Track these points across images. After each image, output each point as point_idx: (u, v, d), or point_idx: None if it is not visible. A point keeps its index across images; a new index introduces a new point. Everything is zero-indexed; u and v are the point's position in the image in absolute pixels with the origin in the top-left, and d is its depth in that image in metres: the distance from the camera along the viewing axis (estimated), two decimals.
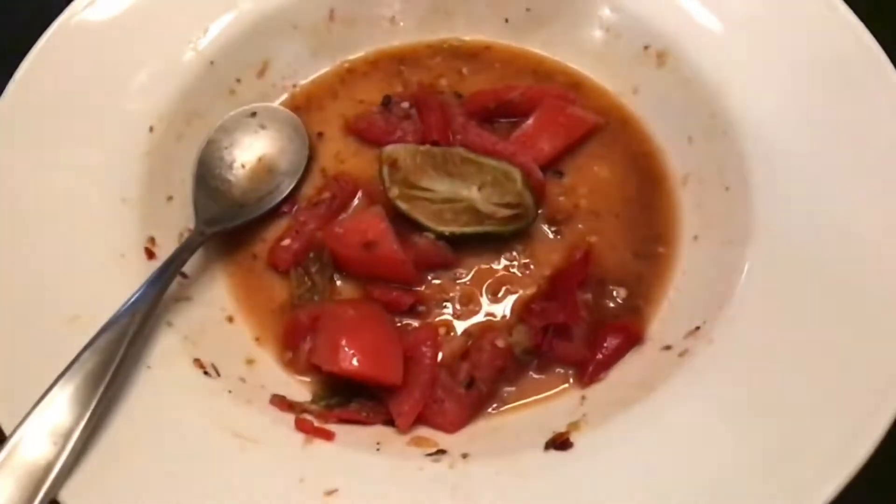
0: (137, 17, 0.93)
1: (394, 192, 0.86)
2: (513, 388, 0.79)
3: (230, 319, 0.84)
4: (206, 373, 0.75)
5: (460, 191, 0.86)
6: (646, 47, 0.96)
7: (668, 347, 0.78)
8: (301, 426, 0.72)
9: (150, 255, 0.82)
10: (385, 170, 0.87)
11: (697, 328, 0.77)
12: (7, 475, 0.63)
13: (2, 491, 0.62)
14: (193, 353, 0.76)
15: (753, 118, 0.87)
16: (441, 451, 0.72)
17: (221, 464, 0.68)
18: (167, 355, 0.75)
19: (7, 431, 0.66)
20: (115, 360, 0.70)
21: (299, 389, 0.80)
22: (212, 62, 0.94)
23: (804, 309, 0.74)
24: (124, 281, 0.77)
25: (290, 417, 0.74)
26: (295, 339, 0.82)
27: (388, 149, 0.88)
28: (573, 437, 0.70)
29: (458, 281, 0.86)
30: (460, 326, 0.83)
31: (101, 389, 0.68)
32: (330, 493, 0.66)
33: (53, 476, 0.63)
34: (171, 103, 0.91)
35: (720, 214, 0.86)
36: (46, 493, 0.63)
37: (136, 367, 0.73)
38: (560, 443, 0.70)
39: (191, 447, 0.68)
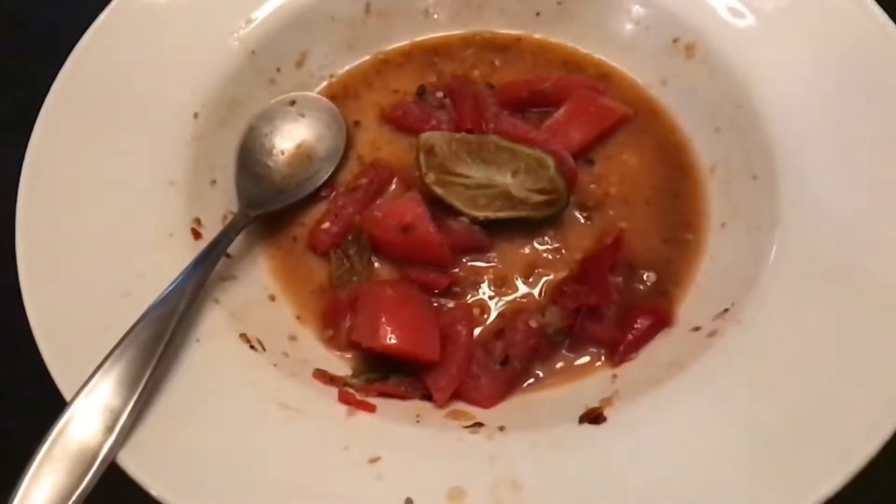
0: (183, 8, 0.96)
1: (430, 177, 0.89)
2: (545, 367, 0.82)
3: (272, 298, 0.87)
4: (252, 347, 0.78)
5: (495, 177, 0.88)
6: (675, 40, 0.99)
7: (696, 329, 0.81)
8: (344, 398, 0.75)
9: (197, 235, 0.85)
10: (422, 156, 0.90)
11: (726, 310, 0.80)
12: (66, 442, 0.66)
13: (68, 452, 0.65)
14: (240, 329, 0.79)
15: (780, 109, 0.89)
16: (478, 424, 0.75)
17: (270, 432, 0.71)
18: (215, 330, 0.78)
19: (67, 397, 0.69)
20: (166, 332, 0.73)
21: (339, 365, 0.83)
22: (253, 52, 0.97)
23: (830, 291, 0.76)
24: (172, 259, 0.80)
25: (332, 390, 0.77)
26: (335, 317, 0.85)
27: (425, 136, 0.91)
28: (606, 412, 0.73)
29: (491, 264, 0.89)
30: (494, 307, 0.86)
31: (155, 359, 0.71)
32: (374, 460, 0.69)
33: (113, 439, 0.67)
34: (215, 91, 0.94)
35: (748, 202, 0.88)
36: (106, 456, 0.66)
37: (186, 340, 0.76)
38: (594, 417, 0.72)
39: (240, 416, 0.71)
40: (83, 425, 0.67)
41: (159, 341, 0.72)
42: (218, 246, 0.82)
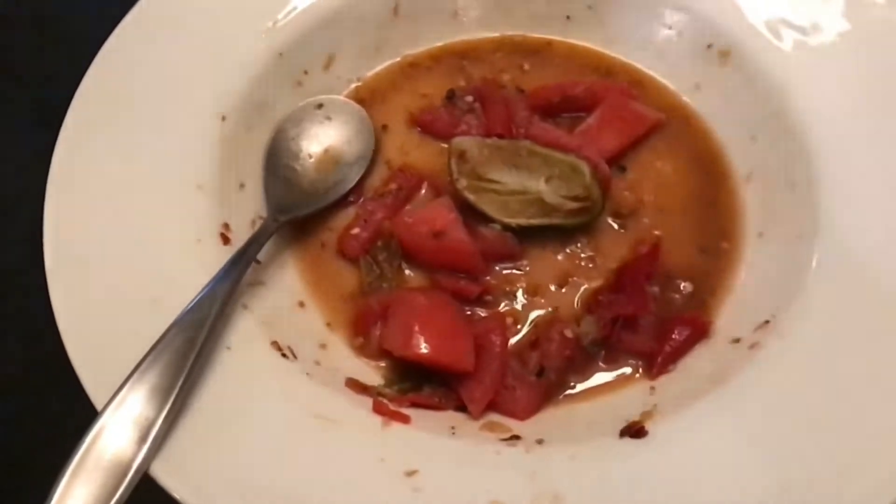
0: (210, 9, 0.95)
1: (461, 183, 0.88)
2: (581, 378, 0.80)
3: (301, 305, 0.86)
4: (283, 355, 0.77)
5: (528, 183, 0.87)
6: (709, 46, 0.97)
7: (736, 340, 0.79)
8: (378, 409, 0.74)
9: (226, 240, 0.83)
10: (453, 161, 0.88)
11: (767, 322, 0.78)
12: (98, 453, 0.65)
13: (100, 463, 0.64)
14: (271, 336, 0.78)
15: (818, 116, 0.88)
16: (515, 437, 0.73)
17: (305, 443, 0.69)
18: (246, 337, 0.77)
19: (98, 406, 0.68)
20: (198, 340, 0.72)
21: (371, 374, 0.81)
22: (281, 54, 0.96)
23: (874, 303, 0.75)
24: (202, 265, 0.79)
25: (366, 400, 0.75)
26: (366, 325, 0.83)
27: (457, 140, 0.89)
28: (647, 426, 0.71)
29: (523, 272, 0.87)
30: (527, 316, 0.85)
31: (188, 367, 0.70)
32: (410, 473, 0.68)
33: (146, 449, 0.65)
34: (243, 93, 0.92)
35: (786, 211, 0.86)
36: (139, 467, 0.65)
37: (217, 347, 0.74)
38: (635, 431, 0.71)
39: (274, 426, 0.70)
40: (115, 436, 0.65)
41: (191, 349, 0.71)
42: (248, 252, 0.80)
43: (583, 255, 0.88)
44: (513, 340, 0.83)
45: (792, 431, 0.68)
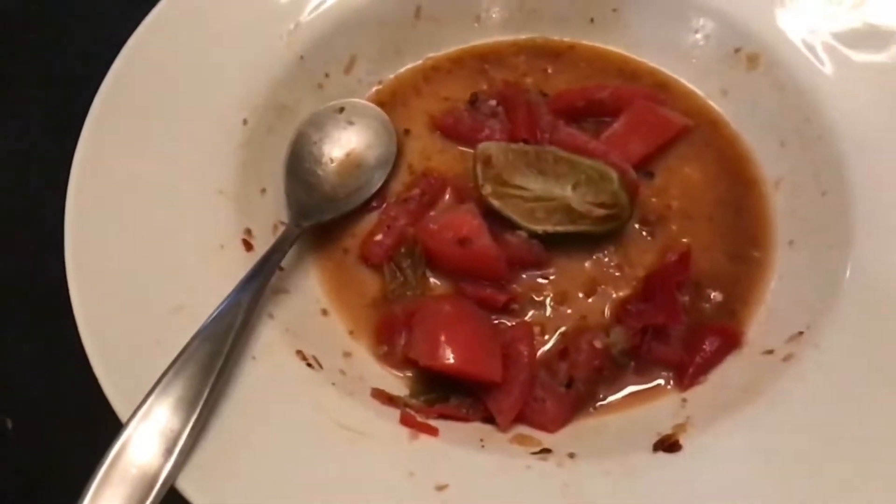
0: (231, 12, 0.94)
1: (487, 189, 0.86)
2: (610, 389, 0.79)
3: (324, 312, 0.85)
4: (308, 364, 0.75)
5: (554, 189, 0.86)
6: (736, 50, 0.96)
7: (769, 352, 0.77)
8: (406, 421, 0.72)
9: (248, 246, 0.82)
10: (479, 167, 0.87)
11: (801, 333, 0.76)
12: (124, 465, 0.63)
13: (127, 475, 0.62)
14: (295, 345, 0.76)
15: (850, 122, 0.86)
16: (546, 450, 0.72)
17: (332, 455, 0.68)
18: (270, 346, 0.75)
19: (123, 417, 0.66)
20: (223, 349, 0.70)
21: (395, 383, 0.80)
22: (302, 56, 0.94)
23: None
24: (225, 272, 0.78)
25: (392, 411, 0.74)
26: (390, 333, 0.82)
27: (482, 146, 0.88)
28: (681, 440, 0.70)
29: (550, 280, 0.86)
30: (554, 326, 0.83)
31: (213, 378, 0.68)
32: (441, 488, 0.66)
33: (172, 462, 0.64)
34: (264, 97, 0.91)
35: (817, 219, 0.85)
36: (165, 480, 0.64)
37: (241, 357, 0.73)
38: (669, 445, 0.69)
39: (302, 438, 0.68)
40: (141, 448, 0.64)
41: (216, 359, 0.70)
42: (272, 259, 0.79)
43: (610, 263, 0.87)
44: (541, 350, 0.81)
45: (833, 447, 0.67)
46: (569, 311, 0.84)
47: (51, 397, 0.87)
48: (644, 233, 0.88)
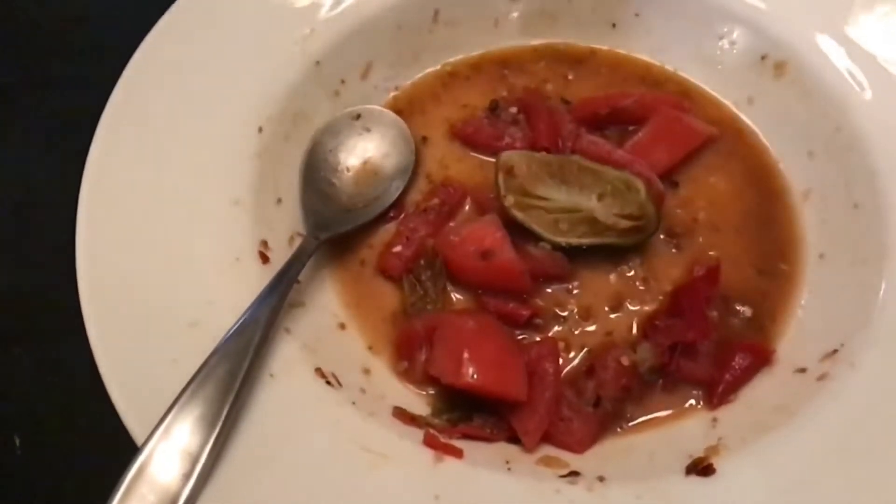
0: (245, 18, 0.91)
1: (509, 200, 0.84)
2: (638, 408, 0.77)
3: (342, 326, 0.82)
4: (328, 382, 0.73)
5: (579, 200, 0.83)
6: (763, 57, 0.93)
7: (802, 370, 0.75)
8: (430, 442, 0.70)
9: (265, 259, 0.80)
10: (501, 177, 0.85)
11: (835, 351, 0.74)
12: (143, 485, 0.61)
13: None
14: (314, 362, 0.74)
15: (882, 132, 0.84)
16: (574, 473, 0.69)
17: (354, 479, 0.66)
18: (289, 363, 0.73)
19: (139, 438, 0.64)
20: (242, 367, 0.68)
21: (416, 401, 0.78)
22: (317, 62, 0.92)
23: None
24: (241, 285, 0.75)
25: (414, 431, 0.72)
26: (410, 349, 0.80)
27: (504, 155, 0.86)
28: (714, 462, 0.67)
29: (574, 294, 0.84)
30: (580, 342, 0.81)
31: (232, 397, 0.66)
32: None
33: (192, 484, 0.62)
34: (279, 103, 0.88)
35: (849, 232, 0.83)
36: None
37: (260, 375, 0.71)
38: (702, 468, 0.67)
39: (323, 460, 0.66)
40: (160, 469, 0.62)
41: (235, 377, 0.67)
42: (289, 273, 0.77)
43: (636, 277, 0.84)
44: (566, 368, 0.79)
45: (874, 471, 0.65)
46: (594, 326, 0.82)
47: (60, 414, 0.85)
48: (670, 245, 0.86)
